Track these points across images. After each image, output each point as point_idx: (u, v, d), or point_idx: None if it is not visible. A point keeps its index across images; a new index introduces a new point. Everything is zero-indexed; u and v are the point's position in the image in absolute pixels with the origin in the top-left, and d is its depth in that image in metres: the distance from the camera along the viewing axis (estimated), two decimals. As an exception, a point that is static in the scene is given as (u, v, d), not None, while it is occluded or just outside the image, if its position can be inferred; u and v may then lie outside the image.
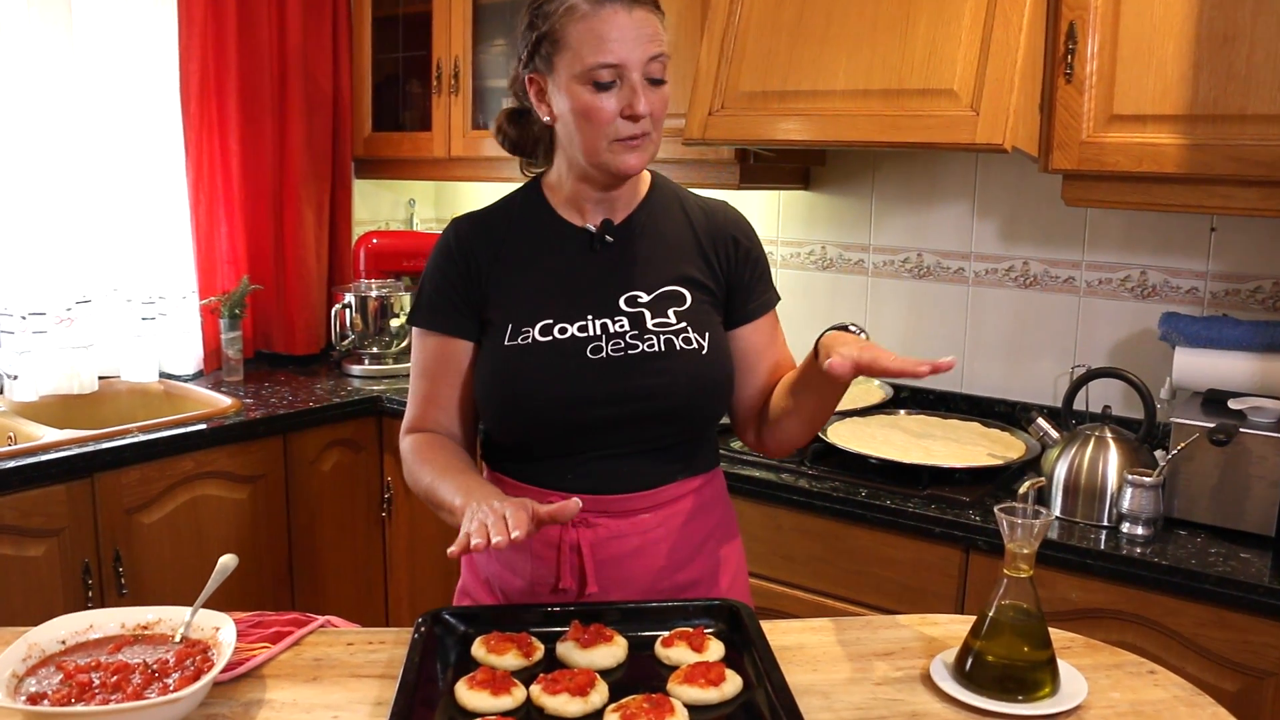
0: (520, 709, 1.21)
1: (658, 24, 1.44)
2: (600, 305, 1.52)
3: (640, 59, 1.40)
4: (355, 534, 2.98)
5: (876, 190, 2.76)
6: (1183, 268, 2.35)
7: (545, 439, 1.52)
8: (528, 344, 1.49)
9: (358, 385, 3.09)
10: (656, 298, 1.53)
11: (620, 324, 1.51)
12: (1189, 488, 1.95)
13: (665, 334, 1.51)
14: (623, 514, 1.52)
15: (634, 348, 1.49)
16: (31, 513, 2.27)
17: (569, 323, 1.50)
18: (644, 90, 1.41)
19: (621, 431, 1.50)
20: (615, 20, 1.39)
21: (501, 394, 1.51)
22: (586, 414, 1.48)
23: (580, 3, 1.40)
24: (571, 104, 1.43)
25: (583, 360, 1.48)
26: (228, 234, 3.14)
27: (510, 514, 1.28)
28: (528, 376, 1.49)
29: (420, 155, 3.28)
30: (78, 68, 2.78)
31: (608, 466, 1.51)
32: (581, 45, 1.40)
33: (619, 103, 1.41)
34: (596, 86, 1.41)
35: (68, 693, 1.13)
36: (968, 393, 2.65)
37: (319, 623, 1.45)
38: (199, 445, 2.58)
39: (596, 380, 1.48)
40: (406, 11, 3.31)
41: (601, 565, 1.51)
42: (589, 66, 1.40)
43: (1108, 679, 1.32)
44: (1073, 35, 2.04)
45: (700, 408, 1.54)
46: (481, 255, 1.54)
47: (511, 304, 1.52)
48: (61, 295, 2.81)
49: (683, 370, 1.50)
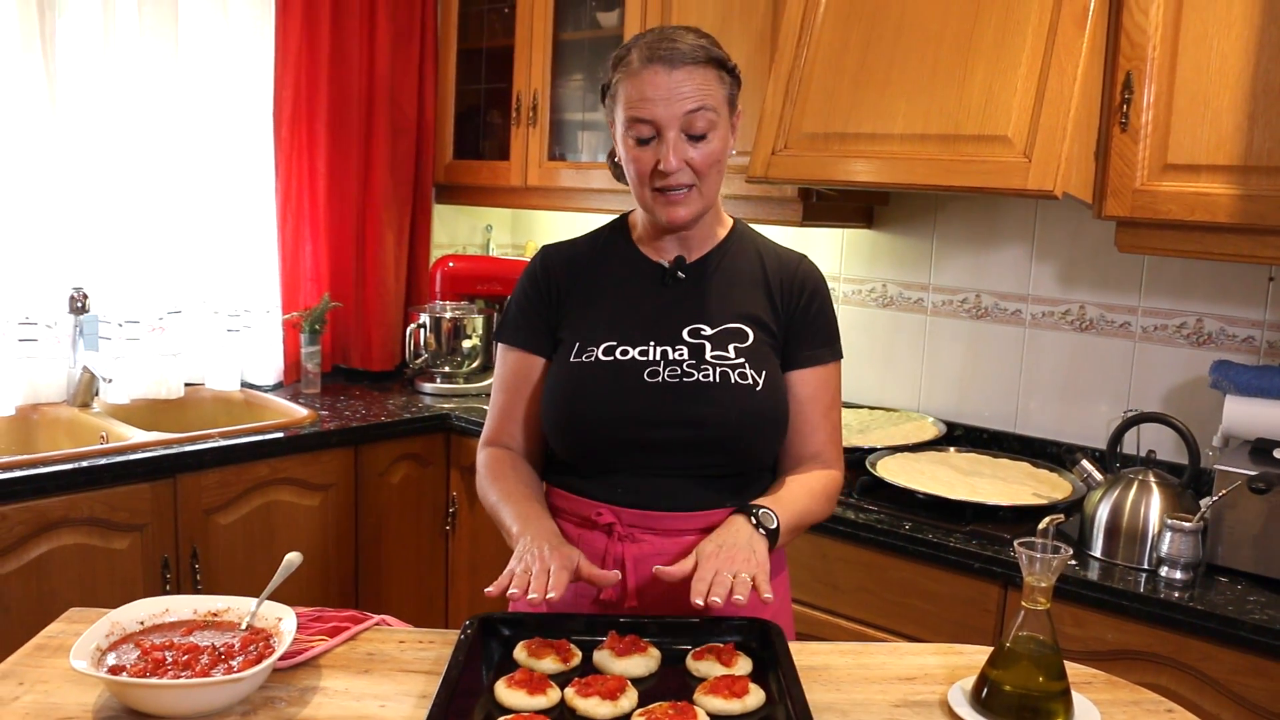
0: (554, 709, 1.29)
1: (704, 80, 1.51)
2: (664, 334, 1.60)
3: (674, 116, 1.49)
4: (420, 545, 3.09)
5: (938, 231, 2.81)
6: (1239, 316, 2.36)
7: (599, 453, 1.60)
8: (591, 361, 1.59)
9: (429, 402, 3.21)
10: (720, 332, 1.60)
11: (680, 352, 1.58)
12: (1232, 535, 1.97)
13: (722, 366, 1.57)
14: (667, 532, 1.58)
15: (690, 376, 1.57)
16: (119, 508, 2.42)
17: (631, 346, 1.59)
18: (680, 146, 1.51)
19: (672, 455, 1.57)
20: (654, 80, 1.50)
21: (560, 406, 1.60)
22: (638, 433, 1.56)
23: (635, 59, 1.52)
24: (622, 150, 1.56)
25: (639, 382, 1.56)
26: (311, 253, 3.30)
27: (554, 570, 1.41)
28: (586, 391, 1.58)
29: (498, 183, 3.41)
30: (181, 92, 2.96)
31: (657, 485, 1.58)
32: (626, 100, 1.53)
33: (654, 156, 1.52)
34: (637, 141, 1.53)
35: (143, 667, 1.24)
36: (1020, 433, 2.67)
37: (374, 621, 1.54)
38: (275, 452, 2.72)
39: (650, 402, 1.56)
40: (490, 45, 3.46)
41: (643, 580, 1.57)
42: (627, 120, 1.53)
43: (1124, 714, 1.36)
44: (1129, 85, 2.08)
45: (749, 441, 1.59)
46: (563, 280, 1.66)
47: (582, 325, 1.62)
48: (155, 305, 2.98)
49: (733, 403, 1.56)
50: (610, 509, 1.59)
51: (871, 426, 2.72)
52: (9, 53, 2.63)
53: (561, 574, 1.40)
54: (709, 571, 1.39)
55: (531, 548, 1.45)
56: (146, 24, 2.85)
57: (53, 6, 2.69)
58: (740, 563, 1.41)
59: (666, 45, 1.51)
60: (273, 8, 3.09)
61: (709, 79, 1.52)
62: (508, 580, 1.40)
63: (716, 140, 1.53)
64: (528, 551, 1.45)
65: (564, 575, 1.41)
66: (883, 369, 2.94)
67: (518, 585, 1.38)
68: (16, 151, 2.68)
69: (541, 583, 1.38)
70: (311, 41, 3.18)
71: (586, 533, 1.59)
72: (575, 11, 3.21)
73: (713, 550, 1.44)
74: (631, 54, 1.53)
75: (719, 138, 1.54)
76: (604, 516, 1.58)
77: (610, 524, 1.58)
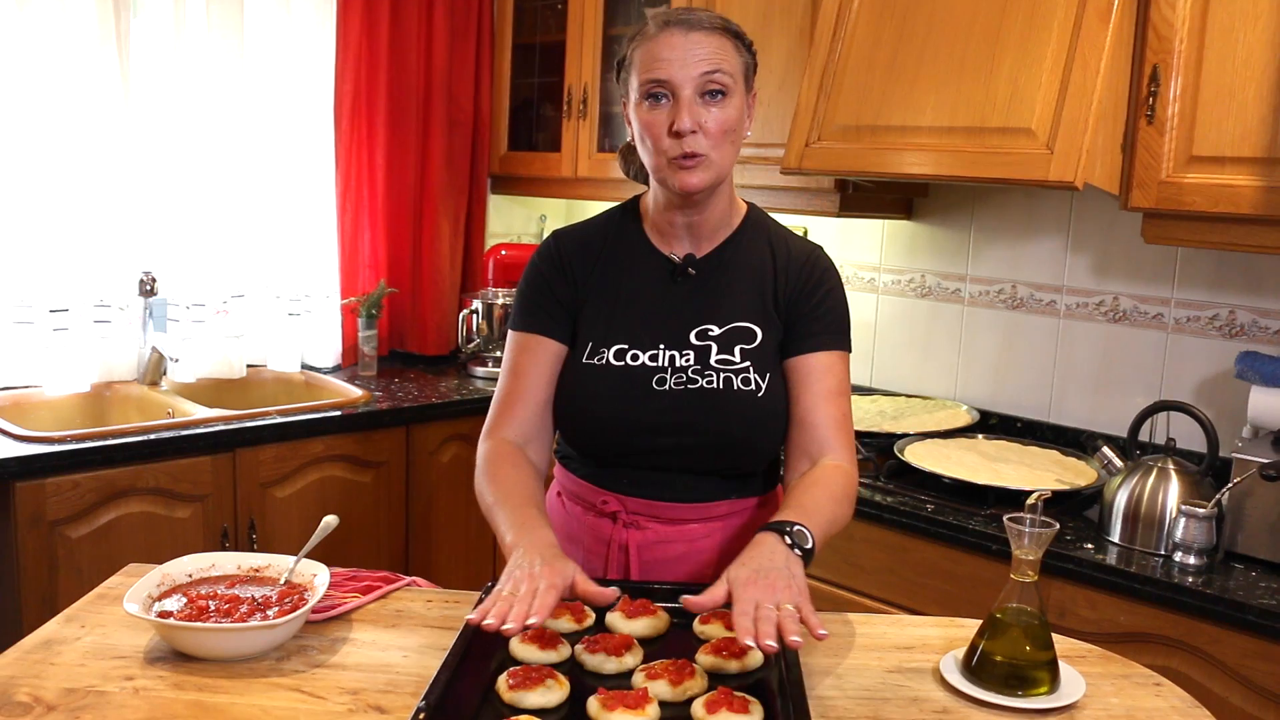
0: (565, 664, 1.37)
1: (720, 45, 1.51)
2: (672, 337, 1.61)
3: (689, 76, 1.49)
4: (468, 523, 3.20)
5: (976, 222, 2.85)
6: (1272, 308, 2.36)
7: (608, 452, 1.64)
8: (602, 364, 1.60)
9: (480, 385, 3.32)
10: (726, 332, 1.60)
11: (687, 358, 1.59)
12: (1250, 522, 1.99)
13: (725, 372, 1.58)
14: (671, 521, 1.63)
15: (694, 383, 1.58)
16: (181, 479, 2.57)
17: (641, 350, 1.60)
18: (695, 106, 1.49)
19: (677, 456, 1.61)
20: (671, 41, 1.50)
21: (572, 407, 1.63)
22: (645, 439, 1.60)
23: (650, 27, 1.53)
24: (636, 121, 1.55)
25: (648, 389, 1.59)
26: (370, 240, 3.43)
27: (542, 590, 1.32)
28: (596, 396, 1.60)
29: (550, 174, 3.52)
30: (246, 87, 3.11)
31: (663, 478, 1.62)
32: (641, 64, 1.52)
33: (669, 118, 1.50)
34: (650, 102, 1.51)
35: (189, 614, 1.36)
36: (1054, 422, 2.71)
37: (405, 582, 1.64)
38: (330, 430, 2.85)
39: (656, 410, 1.58)
40: (543, 40, 3.56)
41: (646, 566, 1.63)
42: (642, 82, 1.52)
43: (1111, 686, 1.41)
44: (1155, 78, 2.11)
45: (752, 444, 1.62)
46: (579, 268, 1.66)
47: (595, 322, 1.63)
48: (220, 289, 3.13)
49: (736, 410, 1.58)
50: (616, 497, 1.64)
51: (906, 413, 2.77)
52: (87, 49, 2.79)
53: (549, 594, 1.32)
54: (749, 605, 1.27)
55: (523, 562, 1.38)
56: (214, 22, 3.00)
57: (128, 6, 2.85)
58: (780, 590, 1.31)
59: (684, 11, 1.54)
60: (334, 5, 3.22)
61: (725, 46, 1.52)
62: (484, 613, 1.29)
63: (732, 107, 1.52)
64: (518, 567, 1.37)
65: (551, 595, 1.32)
66: (920, 358, 2.99)
67: (496, 616, 1.28)
68: (92, 143, 2.85)
69: (522, 610, 1.28)
70: (371, 37, 3.30)
71: (592, 517, 1.66)
72: (625, 8, 3.30)
73: (748, 577, 1.32)
74: (649, 24, 1.54)
75: (734, 106, 1.52)
76: (609, 504, 1.64)
77: (615, 511, 1.64)
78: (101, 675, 1.31)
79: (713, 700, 1.24)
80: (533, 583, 1.34)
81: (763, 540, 1.40)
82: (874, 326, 3.08)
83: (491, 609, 1.29)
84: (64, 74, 2.77)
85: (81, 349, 2.90)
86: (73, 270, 2.86)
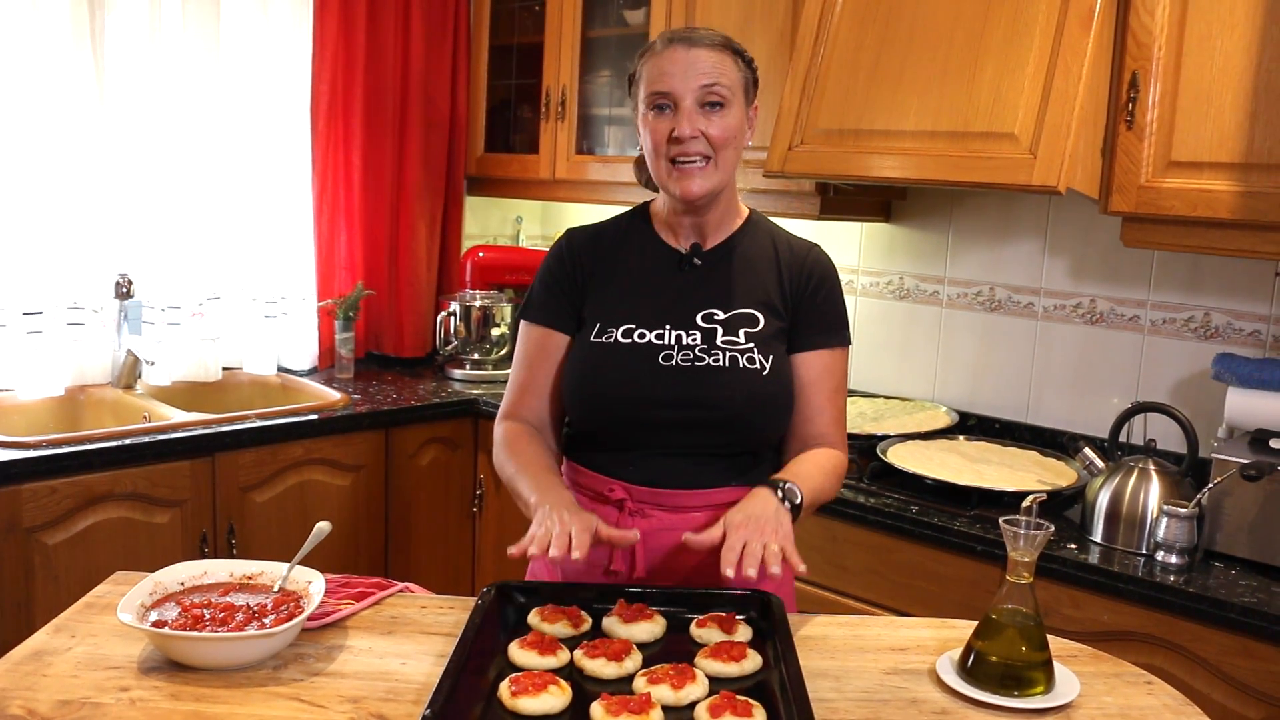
0: (564, 669, 1.37)
1: (720, 60, 1.63)
2: (679, 318, 1.69)
3: (690, 88, 1.60)
4: (447, 525, 3.19)
5: (954, 225, 2.87)
6: (1246, 310, 2.41)
7: (614, 431, 1.69)
8: (610, 343, 1.68)
9: (458, 388, 3.31)
10: (732, 317, 1.69)
11: (693, 337, 1.67)
12: (1229, 522, 2.03)
13: (731, 351, 1.66)
14: (675, 509, 1.67)
15: (700, 360, 1.66)
16: (159, 484, 2.53)
17: (648, 329, 1.68)
18: (695, 115, 1.61)
19: (682, 434, 1.66)
20: (674, 56, 1.62)
21: (580, 383, 1.70)
22: (651, 413, 1.66)
23: (657, 44, 1.66)
24: (644, 130, 1.66)
25: (654, 365, 1.66)
26: (346, 242, 3.41)
27: (575, 533, 1.47)
28: (604, 371, 1.68)
29: (528, 176, 3.50)
30: (222, 88, 3.08)
31: (667, 464, 1.67)
32: (648, 78, 1.65)
33: (670, 125, 1.61)
34: (655, 112, 1.63)
35: (183, 622, 1.35)
36: (1032, 423, 2.73)
37: (399, 588, 1.64)
38: (309, 434, 2.83)
39: (663, 384, 1.65)
40: (521, 41, 3.55)
41: (652, 554, 1.66)
42: (648, 94, 1.64)
43: (1104, 685, 1.43)
44: (1135, 84, 2.14)
45: (755, 422, 1.68)
46: (587, 262, 1.75)
47: (604, 306, 1.72)
48: (195, 292, 3.10)
49: (741, 387, 1.65)
50: (622, 485, 1.68)
51: (886, 415, 2.79)
52: (61, 48, 2.75)
53: (584, 535, 1.47)
54: (738, 541, 1.45)
55: (551, 514, 1.52)
56: (190, 21, 2.97)
57: (102, 5, 2.82)
58: (768, 533, 1.46)
59: (687, 30, 1.66)
60: (310, 6, 3.20)
61: (725, 60, 1.63)
62: (529, 540, 1.47)
63: (732, 116, 1.63)
64: (548, 517, 1.51)
65: (586, 536, 1.47)
66: (899, 360, 3.01)
67: (539, 546, 1.46)
68: (66, 143, 2.81)
69: (564, 542, 1.45)
70: (347, 38, 3.28)
71: (599, 506, 1.68)
72: (603, 9, 3.30)
73: (741, 520, 1.48)
74: (656, 42, 1.67)
75: (734, 116, 1.63)
76: (616, 492, 1.68)
77: (622, 499, 1.67)
78: (96, 686, 1.30)
79: (716, 704, 1.25)
80: (564, 526, 1.48)
81: (758, 493, 1.57)
82: (853, 328, 3.09)
83: (531, 543, 1.46)
84: (37, 73, 2.73)
85: (55, 352, 2.85)
86: (46, 272, 2.82)
